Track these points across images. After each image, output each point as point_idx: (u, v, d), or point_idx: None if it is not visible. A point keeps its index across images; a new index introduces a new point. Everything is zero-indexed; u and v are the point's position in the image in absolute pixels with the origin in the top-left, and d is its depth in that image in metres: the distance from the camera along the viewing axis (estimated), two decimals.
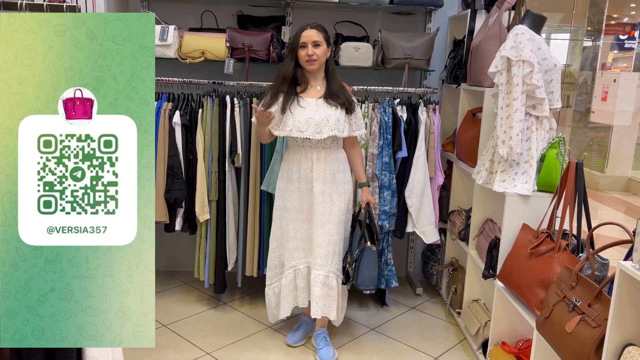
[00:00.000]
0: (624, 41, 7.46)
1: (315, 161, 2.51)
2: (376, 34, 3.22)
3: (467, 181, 3.08)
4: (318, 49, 2.43)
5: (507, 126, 2.29)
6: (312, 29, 2.44)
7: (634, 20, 7.53)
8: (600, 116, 5.93)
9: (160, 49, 2.99)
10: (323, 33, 2.46)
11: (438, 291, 3.43)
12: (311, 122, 2.44)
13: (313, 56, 2.42)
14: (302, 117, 2.44)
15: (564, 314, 1.78)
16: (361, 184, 2.67)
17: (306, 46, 2.42)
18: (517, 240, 2.30)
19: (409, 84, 3.19)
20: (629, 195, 6.80)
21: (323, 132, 2.44)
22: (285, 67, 2.48)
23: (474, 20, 2.92)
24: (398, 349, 2.77)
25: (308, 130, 2.44)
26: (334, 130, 2.45)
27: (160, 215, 2.96)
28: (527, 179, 2.34)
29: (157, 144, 2.91)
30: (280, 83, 2.48)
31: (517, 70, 2.24)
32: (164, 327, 2.90)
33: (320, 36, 2.44)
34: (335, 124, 2.45)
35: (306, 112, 2.45)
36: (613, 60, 7.49)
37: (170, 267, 3.65)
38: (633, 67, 7.23)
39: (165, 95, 2.98)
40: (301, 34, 2.43)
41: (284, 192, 2.59)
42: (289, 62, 2.48)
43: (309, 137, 2.45)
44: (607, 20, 7.28)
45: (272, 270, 2.68)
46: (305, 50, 2.42)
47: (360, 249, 2.53)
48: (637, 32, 7.29)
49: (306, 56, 2.42)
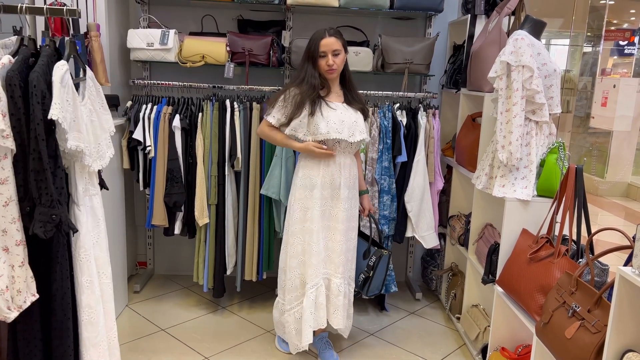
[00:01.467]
0: (623, 47, 7.46)
1: (343, 166, 2.45)
2: (376, 39, 3.22)
3: (467, 186, 3.08)
4: (338, 58, 2.36)
5: (506, 131, 2.28)
6: (331, 37, 2.35)
7: (634, 25, 7.54)
8: (600, 121, 5.94)
9: (160, 53, 3.00)
10: (341, 39, 2.39)
11: (437, 296, 3.42)
12: (344, 124, 2.39)
13: (333, 66, 2.35)
14: (337, 119, 2.39)
15: (563, 319, 1.78)
16: (361, 192, 2.63)
17: (326, 55, 2.35)
18: (517, 246, 2.29)
19: (409, 89, 3.19)
20: (629, 201, 6.79)
21: (355, 135, 2.42)
22: (311, 77, 2.36)
23: (474, 25, 2.92)
24: (397, 355, 2.75)
25: (344, 132, 2.38)
26: (363, 134, 2.45)
27: (159, 218, 2.96)
28: (527, 184, 2.34)
29: (157, 147, 2.91)
30: (310, 92, 2.36)
31: (516, 75, 2.24)
32: (162, 331, 2.89)
33: (339, 44, 2.37)
34: (363, 128, 2.46)
35: (338, 115, 2.40)
36: (613, 65, 7.50)
37: (169, 271, 3.64)
38: (633, 72, 7.23)
39: (165, 99, 2.98)
40: (320, 42, 2.34)
41: (305, 201, 2.43)
42: (311, 70, 2.37)
43: (346, 138, 2.38)
44: (607, 26, 7.29)
45: (292, 293, 2.46)
46: (325, 60, 2.35)
47: (377, 257, 2.54)
48: (637, 37, 7.29)
49: (326, 66, 2.35)
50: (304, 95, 2.36)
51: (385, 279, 2.64)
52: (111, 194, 2.71)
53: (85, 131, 1.67)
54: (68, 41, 1.73)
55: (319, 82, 2.38)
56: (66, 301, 1.66)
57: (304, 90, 2.37)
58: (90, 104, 1.77)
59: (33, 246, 1.60)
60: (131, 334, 2.83)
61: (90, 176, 1.77)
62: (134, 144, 2.96)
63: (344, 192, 2.45)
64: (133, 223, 3.49)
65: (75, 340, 1.74)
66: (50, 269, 1.63)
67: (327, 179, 2.43)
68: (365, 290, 2.61)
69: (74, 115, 1.61)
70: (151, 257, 3.60)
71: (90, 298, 1.74)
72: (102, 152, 1.81)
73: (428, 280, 3.48)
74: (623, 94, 5.53)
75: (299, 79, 2.41)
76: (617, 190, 7.00)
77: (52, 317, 1.66)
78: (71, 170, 1.71)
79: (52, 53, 1.64)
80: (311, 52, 2.38)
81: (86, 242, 1.72)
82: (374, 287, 2.58)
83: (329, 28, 2.40)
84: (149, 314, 3.07)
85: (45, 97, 1.52)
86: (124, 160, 3.01)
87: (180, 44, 3.04)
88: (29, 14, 1.66)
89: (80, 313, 1.74)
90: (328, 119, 2.37)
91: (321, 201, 2.43)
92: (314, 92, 2.36)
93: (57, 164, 1.58)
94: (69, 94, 1.59)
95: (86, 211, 1.74)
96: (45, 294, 1.64)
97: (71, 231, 1.63)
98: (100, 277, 1.81)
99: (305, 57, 2.41)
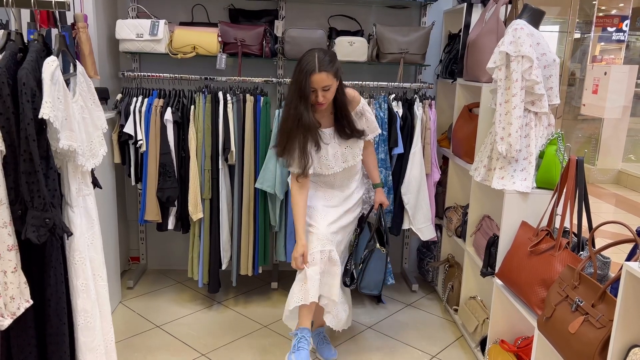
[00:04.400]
0: (611, 33, 7.47)
1: (339, 181, 2.48)
2: (370, 28, 3.17)
3: (464, 177, 3.06)
4: (328, 92, 2.23)
5: (506, 122, 2.25)
6: (322, 72, 2.17)
7: (623, 12, 7.54)
8: (591, 109, 5.95)
9: (150, 44, 2.92)
10: (332, 70, 2.20)
11: (434, 287, 3.42)
12: (337, 155, 2.40)
13: (322, 101, 2.24)
14: (329, 154, 2.38)
15: (567, 314, 1.76)
16: (375, 185, 2.62)
17: (315, 91, 2.22)
18: (517, 238, 2.28)
19: (404, 79, 3.15)
20: (620, 188, 6.84)
21: (348, 161, 2.42)
22: (305, 118, 2.22)
23: (470, 14, 2.88)
24: (396, 347, 2.75)
25: (337, 165, 2.41)
26: (357, 157, 2.44)
27: (152, 214, 2.90)
28: (526, 176, 2.32)
29: (149, 141, 2.84)
30: (306, 134, 2.27)
31: (516, 65, 2.20)
32: (157, 327, 2.85)
33: (330, 77, 2.20)
34: (358, 150, 2.44)
35: (330, 148, 2.38)
36: (603, 52, 7.51)
37: (162, 266, 3.59)
38: (623, 59, 7.25)
39: (156, 92, 2.91)
40: (311, 78, 2.17)
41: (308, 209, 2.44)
42: (303, 110, 2.21)
43: (338, 171, 2.42)
44: (597, 13, 7.29)
45: None
46: (314, 94, 2.23)
47: (369, 250, 2.49)
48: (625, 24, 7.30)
49: (315, 100, 2.24)
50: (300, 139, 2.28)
51: (386, 278, 2.58)
52: (102, 189, 2.65)
53: (78, 129, 1.61)
54: (57, 35, 1.66)
55: (314, 122, 2.26)
56: (61, 306, 1.61)
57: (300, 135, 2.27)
58: (81, 101, 1.70)
59: (26, 250, 1.54)
60: (125, 331, 2.79)
61: (83, 176, 1.71)
62: (124, 138, 2.89)
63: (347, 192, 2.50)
64: (125, 218, 3.43)
65: (72, 346, 1.69)
66: (44, 274, 1.58)
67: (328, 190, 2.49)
68: (358, 283, 2.53)
69: (65, 113, 1.54)
70: (144, 252, 3.55)
71: (86, 302, 1.69)
72: (94, 150, 1.75)
73: (424, 271, 3.47)
74: (614, 82, 5.54)
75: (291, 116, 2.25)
76: (608, 178, 7.05)
77: (47, 323, 1.61)
78: (64, 171, 1.65)
79: (41, 48, 1.57)
80: (301, 87, 2.19)
81: (81, 245, 1.66)
82: (369, 283, 2.52)
83: (321, 63, 2.18)
84: (143, 310, 3.03)
85: (35, 96, 1.45)
86: (114, 154, 2.94)
87: (171, 35, 2.97)
88: (16, 6, 1.58)
89: (76, 317, 1.69)
90: (320, 155, 2.37)
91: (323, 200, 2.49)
92: (309, 133, 2.27)
93: (49, 164, 1.52)
94: (60, 91, 1.53)
95: (80, 212, 1.69)
96: (40, 300, 1.59)
97: (65, 234, 1.58)
98: (96, 280, 1.76)
99: (295, 91, 2.23)
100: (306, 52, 2.26)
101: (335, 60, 2.25)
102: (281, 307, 3.07)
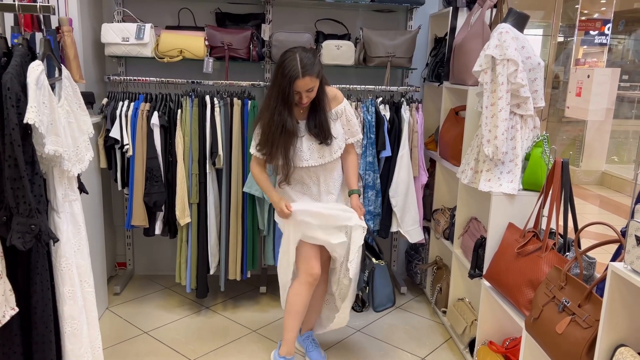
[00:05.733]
0: (594, 37, 7.58)
1: (322, 179, 2.40)
2: (357, 32, 3.18)
3: (451, 180, 3.08)
4: (311, 93, 2.22)
5: (492, 125, 2.28)
6: (305, 77, 2.14)
7: (605, 16, 7.67)
8: (575, 111, 6.02)
9: (136, 48, 2.90)
10: (315, 73, 2.17)
11: (422, 290, 3.43)
12: (312, 149, 2.32)
13: (305, 101, 2.23)
14: (303, 146, 2.31)
15: (554, 314, 1.78)
16: (351, 191, 2.46)
17: (299, 93, 2.20)
18: (504, 240, 2.30)
19: (391, 82, 3.16)
20: (604, 189, 6.94)
21: (325, 157, 2.34)
22: (289, 125, 2.22)
23: (455, 18, 2.90)
24: (385, 350, 2.75)
25: (312, 158, 2.32)
26: (336, 153, 2.36)
27: (139, 219, 2.88)
28: (513, 178, 2.34)
29: (135, 146, 2.82)
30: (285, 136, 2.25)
31: (501, 69, 2.23)
32: (144, 333, 2.82)
33: (314, 81, 2.18)
34: (337, 145, 2.36)
35: (305, 140, 2.31)
36: (586, 55, 7.62)
37: (149, 271, 3.56)
38: (606, 62, 7.36)
39: (142, 96, 2.89)
40: (295, 83, 2.14)
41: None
42: (285, 114, 2.21)
43: (314, 164, 2.33)
44: (580, 16, 7.40)
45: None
46: (299, 96, 2.21)
47: (369, 270, 2.39)
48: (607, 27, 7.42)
49: (300, 101, 2.23)
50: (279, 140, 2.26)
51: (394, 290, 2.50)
52: (88, 194, 2.62)
53: (64, 134, 1.59)
54: (42, 39, 1.64)
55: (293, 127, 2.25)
56: (47, 313, 1.59)
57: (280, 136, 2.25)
58: (67, 105, 1.68)
59: (11, 257, 1.52)
60: (112, 337, 2.76)
61: (69, 181, 1.69)
62: (111, 143, 2.86)
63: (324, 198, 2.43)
64: (111, 223, 3.40)
65: (58, 353, 1.67)
66: (30, 281, 1.56)
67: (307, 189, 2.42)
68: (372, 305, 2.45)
69: (51, 118, 1.53)
70: (131, 258, 3.52)
71: (72, 309, 1.67)
72: (81, 155, 1.73)
73: (412, 274, 3.48)
74: (597, 84, 5.61)
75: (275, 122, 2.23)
76: (592, 179, 7.14)
77: (32, 331, 1.58)
78: (49, 176, 1.63)
79: (25, 52, 1.55)
80: (285, 93, 2.17)
81: (67, 251, 1.64)
82: (382, 300, 2.44)
83: (303, 61, 2.15)
84: (130, 316, 3.00)
85: (20, 100, 1.43)
86: (100, 159, 2.91)
87: (157, 39, 2.95)
88: (1, 10, 1.56)
89: (63, 324, 1.67)
90: (295, 146, 2.30)
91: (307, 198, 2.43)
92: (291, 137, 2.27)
93: (34, 170, 1.50)
94: (45, 95, 1.51)
95: (66, 218, 1.67)
96: (26, 307, 1.57)
97: (51, 241, 1.56)
98: (83, 286, 1.74)
99: (279, 96, 2.20)
100: (286, 52, 2.22)
101: (317, 60, 2.21)
102: (270, 311, 3.09)
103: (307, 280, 2.40)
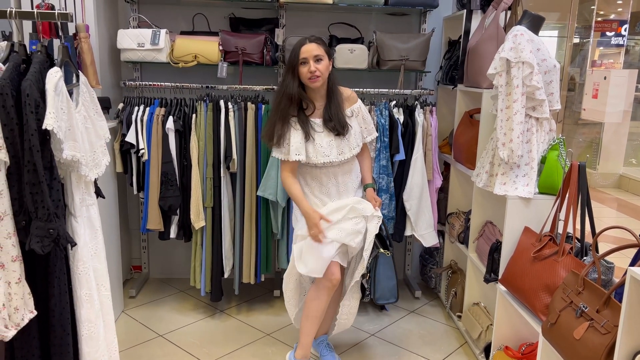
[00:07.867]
0: (610, 38, 7.50)
1: (341, 180, 2.40)
2: (371, 36, 3.18)
3: (465, 183, 3.06)
4: (320, 64, 2.25)
5: (507, 128, 2.26)
6: (312, 43, 2.24)
7: (621, 16, 7.57)
8: (591, 114, 5.95)
9: (151, 53, 2.93)
10: (323, 46, 2.28)
11: (437, 294, 3.41)
12: (332, 144, 2.33)
13: (316, 72, 2.23)
14: (323, 142, 2.32)
15: (571, 320, 1.76)
16: (366, 185, 2.52)
17: (307, 62, 2.24)
18: (520, 244, 2.27)
19: (404, 86, 3.15)
20: (622, 192, 6.84)
21: (345, 153, 2.35)
22: (289, 88, 2.27)
23: (469, 20, 2.89)
24: (399, 355, 2.73)
25: (332, 154, 2.32)
26: (355, 149, 2.38)
27: (154, 223, 2.90)
28: (528, 182, 2.32)
29: (151, 150, 2.85)
30: (288, 106, 2.29)
31: (516, 71, 2.21)
32: (159, 337, 2.84)
33: (321, 49, 2.26)
34: (355, 142, 2.38)
35: (325, 135, 2.33)
36: (602, 56, 7.53)
37: (164, 275, 3.59)
38: (623, 64, 7.27)
39: (157, 101, 2.92)
40: (300, 49, 2.23)
41: None
42: (290, 81, 2.27)
43: (334, 160, 2.33)
44: (596, 17, 7.32)
45: None
46: (307, 67, 2.23)
47: (373, 257, 2.42)
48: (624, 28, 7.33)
49: (308, 73, 2.24)
50: (283, 109, 2.29)
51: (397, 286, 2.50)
52: (105, 198, 2.66)
53: (81, 139, 1.61)
54: (60, 46, 1.66)
55: (296, 94, 2.28)
56: (65, 316, 1.61)
57: (281, 104, 2.29)
58: (84, 111, 1.71)
59: (30, 261, 1.54)
60: (128, 340, 2.78)
61: (86, 186, 1.71)
62: (126, 147, 2.90)
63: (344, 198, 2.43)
64: (127, 226, 3.43)
65: (76, 356, 1.69)
66: (48, 284, 1.58)
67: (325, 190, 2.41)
68: (373, 294, 2.47)
69: (69, 123, 1.55)
70: (146, 261, 3.55)
71: (89, 312, 1.69)
72: (98, 160, 1.75)
73: (427, 278, 3.47)
74: (614, 86, 5.54)
75: (279, 93, 2.32)
76: (609, 182, 7.04)
77: (51, 334, 1.60)
78: (67, 181, 1.65)
79: (44, 59, 1.58)
80: (292, 61, 2.26)
81: (84, 255, 1.66)
82: (384, 292, 2.45)
83: (311, 36, 2.30)
84: (145, 319, 3.02)
85: (39, 107, 1.46)
86: (116, 163, 2.95)
87: (172, 44, 2.98)
88: (19, 18, 1.59)
89: (80, 328, 1.69)
90: (315, 142, 2.32)
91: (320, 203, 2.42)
92: (290, 105, 2.28)
93: (53, 175, 1.52)
94: (64, 102, 1.53)
95: (83, 222, 1.69)
96: (44, 310, 1.59)
97: (69, 245, 1.58)
98: (99, 290, 1.76)
99: (286, 68, 2.31)
100: None
101: (326, 44, 2.32)
102: (284, 314, 3.09)
103: (326, 285, 2.39)
